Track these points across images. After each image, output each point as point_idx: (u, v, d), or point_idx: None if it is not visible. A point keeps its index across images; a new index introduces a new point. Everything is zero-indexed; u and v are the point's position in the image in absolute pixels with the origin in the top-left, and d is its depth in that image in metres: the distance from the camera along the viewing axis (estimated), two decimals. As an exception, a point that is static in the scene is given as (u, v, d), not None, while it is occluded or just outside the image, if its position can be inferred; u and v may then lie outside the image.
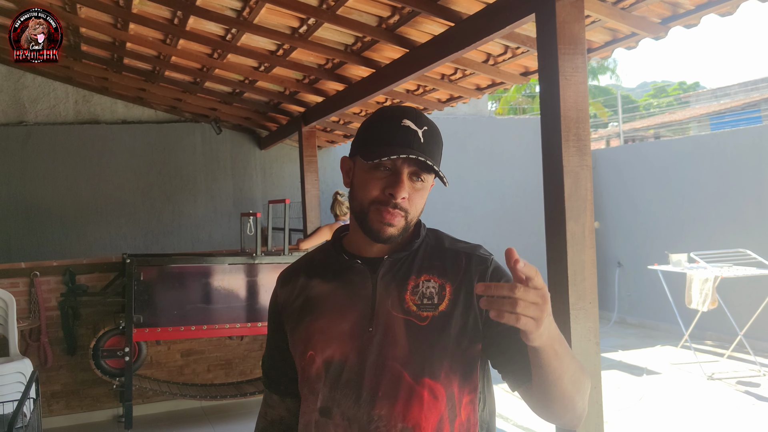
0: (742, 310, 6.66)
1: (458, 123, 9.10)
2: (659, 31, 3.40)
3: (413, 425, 1.22)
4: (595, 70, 23.17)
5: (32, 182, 7.40)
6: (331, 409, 1.26)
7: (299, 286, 1.38)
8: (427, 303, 1.26)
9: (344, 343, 1.27)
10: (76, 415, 5.42)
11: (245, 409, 5.63)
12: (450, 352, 1.24)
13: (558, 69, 2.79)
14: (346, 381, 1.26)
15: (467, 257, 1.31)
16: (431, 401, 1.22)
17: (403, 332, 1.25)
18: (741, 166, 7.22)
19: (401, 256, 1.31)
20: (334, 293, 1.32)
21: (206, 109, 7.50)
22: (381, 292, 1.28)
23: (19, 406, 2.83)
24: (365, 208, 1.27)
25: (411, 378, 1.22)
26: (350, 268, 1.32)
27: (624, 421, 4.99)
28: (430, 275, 1.29)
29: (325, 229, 5.88)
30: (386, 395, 1.23)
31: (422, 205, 1.30)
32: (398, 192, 1.23)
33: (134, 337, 4.89)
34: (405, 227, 1.27)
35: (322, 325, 1.30)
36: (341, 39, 4.53)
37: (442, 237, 1.38)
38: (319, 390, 1.29)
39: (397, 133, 1.25)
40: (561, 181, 2.79)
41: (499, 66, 4.49)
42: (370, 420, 1.23)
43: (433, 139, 1.28)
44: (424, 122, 1.28)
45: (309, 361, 1.31)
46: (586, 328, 2.82)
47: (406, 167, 1.24)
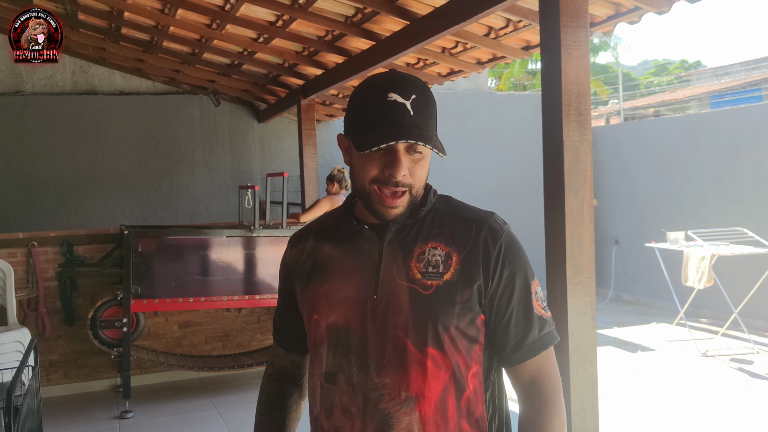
0: (737, 288, 6.69)
1: (458, 98, 9.05)
2: (663, 5, 3.37)
3: (417, 394, 1.22)
4: (597, 47, 23.01)
5: (29, 152, 7.37)
6: (336, 375, 1.27)
7: (308, 249, 1.37)
8: (432, 271, 1.24)
9: (348, 309, 1.27)
10: (74, 385, 5.46)
11: (242, 380, 5.67)
12: (454, 322, 1.22)
13: (560, 42, 2.77)
14: (351, 347, 1.25)
15: (478, 226, 1.28)
16: (435, 371, 1.22)
17: (407, 300, 1.23)
18: (740, 145, 7.20)
19: (408, 223, 1.29)
20: (341, 258, 1.32)
21: (205, 81, 7.45)
22: (387, 259, 1.27)
23: (18, 374, 2.84)
24: (367, 189, 1.25)
25: (415, 347, 1.22)
26: (359, 234, 1.31)
27: (618, 396, 5.04)
28: (437, 242, 1.27)
29: (325, 201, 5.88)
30: (390, 363, 1.22)
31: (425, 174, 1.27)
32: (397, 172, 1.21)
33: (132, 308, 4.90)
34: (411, 201, 1.25)
35: (328, 289, 1.30)
36: (341, 10, 4.49)
37: (454, 204, 1.35)
38: (323, 354, 1.29)
39: (384, 111, 1.20)
40: (561, 155, 2.78)
41: (500, 40, 4.45)
42: (375, 387, 1.23)
43: (424, 107, 1.23)
44: (411, 90, 1.22)
45: (315, 324, 1.31)
46: (582, 302, 2.83)
47: (401, 144, 1.21)
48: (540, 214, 3.09)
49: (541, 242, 3.06)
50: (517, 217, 8.90)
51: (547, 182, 2.92)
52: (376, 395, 1.22)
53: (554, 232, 2.88)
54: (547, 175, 2.92)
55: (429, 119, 1.24)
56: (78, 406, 5.17)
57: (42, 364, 5.15)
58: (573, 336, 2.81)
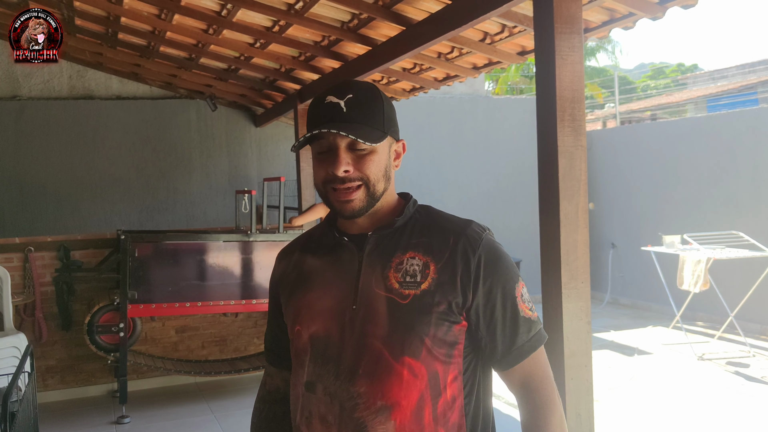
0: (733, 291, 6.71)
1: (454, 102, 9.07)
2: (657, 11, 3.39)
3: (392, 403, 1.22)
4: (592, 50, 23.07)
5: (26, 157, 7.37)
6: (315, 384, 1.28)
7: (294, 261, 1.41)
8: (409, 281, 1.25)
9: (328, 319, 1.28)
10: (70, 390, 5.45)
11: (239, 385, 5.67)
12: (431, 331, 1.23)
13: (554, 48, 2.78)
14: (329, 357, 1.27)
15: (455, 236, 1.29)
16: (411, 379, 1.22)
17: (385, 310, 1.25)
18: (736, 149, 7.23)
19: (386, 233, 1.31)
20: (323, 269, 1.34)
21: (201, 86, 7.45)
22: (366, 270, 1.29)
23: (14, 380, 2.84)
24: (323, 192, 1.29)
25: (391, 356, 1.22)
26: (340, 245, 1.33)
27: (614, 400, 5.05)
28: (415, 252, 1.28)
29: (320, 206, 5.88)
30: (366, 373, 1.23)
31: (378, 169, 1.27)
32: (336, 168, 1.24)
33: (129, 313, 4.90)
34: (370, 196, 1.27)
35: (310, 300, 1.32)
36: (337, 15, 4.50)
37: (433, 213, 1.36)
38: (305, 364, 1.31)
39: (320, 114, 1.25)
40: (555, 160, 2.79)
41: (495, 45, 4.47)
42: (350, 396, 1.23)
43: (358, 104, 1.25)
44: (349, 91, 1.26)
45: (297, 335, 1.33)
46: (578, 307, 2.84)
47: (339, 141, 1.24)
48: (536, 218, 3.10)
49: (536, 247, 3.07)
50: (512, 221, 8.96)
51: (542, 188, 2.93)
52: (351, 404, 1.23)
53: (549, 237, 2.89)
54: (541, 180, 2.93)
55: (365, 115, 1.26)
56: (75, 411, 5.16)
57: (39, 370, 5.15)
58: (568, 341, 2.81)
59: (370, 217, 1.31)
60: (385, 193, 1.30)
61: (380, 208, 1.31)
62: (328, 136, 1.24)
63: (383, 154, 1.28)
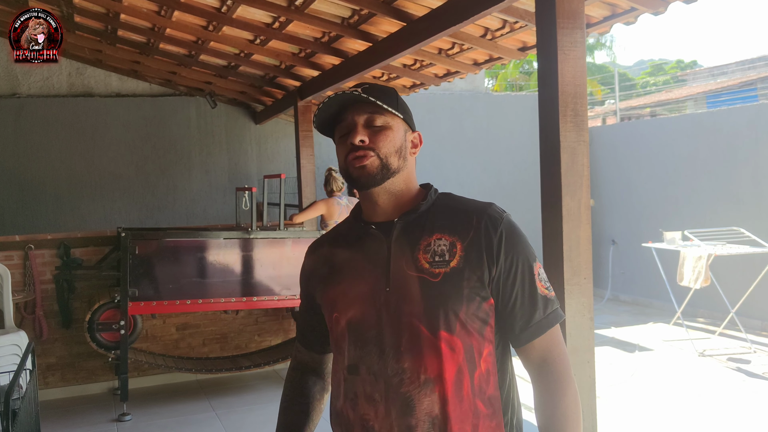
0: (734, 287, 6.71)
1: (455, 99, 9.06)
2: (658, 6, 3.38)
3: (435, 376, 1.28)
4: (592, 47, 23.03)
5: (26, 155, 7.36)
6: (357, 367, 1.35)
7: (324, 255, 1.48)
8: (438, 260, 1.32)
9: (364, 303, 1.35)
10: (71, 388, 5.45)
11: (241, 382, 5.66)
12: (463, 306, 1.30)
13: (556, 43, 2.77)
14: (368, 339, 1.34)
15: (478, 215, 1.36)
16: (449, 353, 1.29)
17: (418, 289, 1.31)
18: (737, 145, 7.22)
19: (411, 218, 1.38)
20: (353, 259, 1.41)
21: (201, 83, 7.44)
22: (396, 254, 1.35)
23: (16, 377, 2.84)
24: (344, 168, 1.38)
25: (428, 332, 1.29)
26: (368, 234, 1.40)
27: (616, 396, 5.04)
28: (441, 234, 1.35)
29: (321, 203, 5.88)
30: (407, 349, 1.30)
31: (391, 143, 1.36)
32: (353, 138, 1.34)
33: (129, 311, 4.89)
34: (381, 165, 1.35)
35: (344, 288, 1.40)
36: (338, 12, 4.49)
37: (454, 198, 1.45)
38: (345, 349, 1.38)
39: (338, 96, 1.36)
40: (558, 156, 2.79)
41: (496, 41, 4.46)
42: (395, 373, 1.30)
43: (374, 90, 1.36)
44: (364, 84, 1.38)
45: (335, 322, 1.40)
46: (580, 303, 2.83)
47: (357, 118, 1.35)
48: (537, 214, 3.10)
49: (538, 243, 3.06)
50: (514, 218, 8.91)
51: (544, 183, 2.92)
52: (396, 380, 1.30)
53: (551, 233, 2.88)
54: (544, 176, 2.92)
55: (381, 97, 1.35)
56: (75, 409, 5.16)
57: (39, 367, 5.14)
58: (571, 337, 2.81)
59: (395, 205, 1.39)
60: (401, 172, 1.38)
61: (402, 195, 1.40)
62: (347, 117, 1.36)
63: (398, 133, 1.38)
